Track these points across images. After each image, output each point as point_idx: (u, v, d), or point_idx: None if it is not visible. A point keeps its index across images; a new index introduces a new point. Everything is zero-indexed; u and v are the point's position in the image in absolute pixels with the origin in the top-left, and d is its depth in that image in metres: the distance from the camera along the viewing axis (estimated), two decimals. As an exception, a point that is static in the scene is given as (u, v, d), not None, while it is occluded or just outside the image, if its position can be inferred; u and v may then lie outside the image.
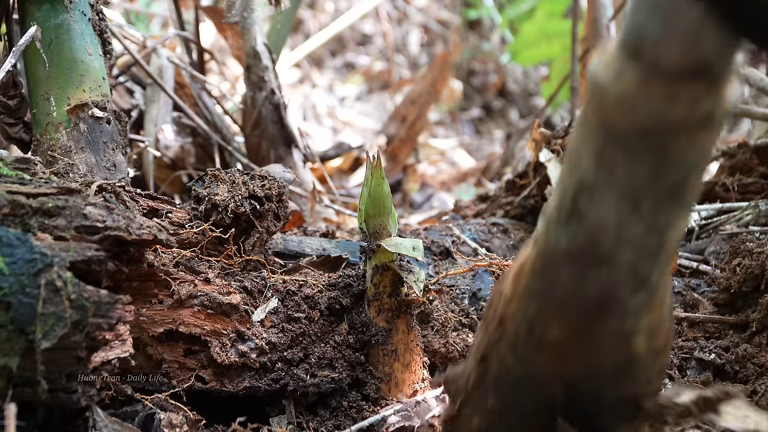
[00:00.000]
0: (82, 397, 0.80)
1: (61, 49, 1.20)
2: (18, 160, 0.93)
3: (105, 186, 1.03)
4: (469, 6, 4.96)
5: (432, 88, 3.10)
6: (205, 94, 2.04)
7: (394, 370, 1.06)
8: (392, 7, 4.89)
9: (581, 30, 2.46)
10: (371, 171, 1.01)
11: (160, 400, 0.99)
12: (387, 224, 1.03)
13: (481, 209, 1.74)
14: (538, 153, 1.59)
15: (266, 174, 1.17)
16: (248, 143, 1.95)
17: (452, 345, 1.23)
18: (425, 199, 2.93)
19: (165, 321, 1.01)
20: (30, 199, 0.81)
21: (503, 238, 1.54)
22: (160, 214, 1.10)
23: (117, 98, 1.96)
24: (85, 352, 0.77)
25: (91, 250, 0.79)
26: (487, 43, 4.86)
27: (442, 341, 1.22)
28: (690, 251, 1.43)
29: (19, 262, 0.74)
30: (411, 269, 1.02)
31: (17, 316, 0.73)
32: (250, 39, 1.85)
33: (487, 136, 4.48)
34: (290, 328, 1.07)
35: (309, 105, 4.20)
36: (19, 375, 0.74)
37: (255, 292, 1.09)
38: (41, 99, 1.19)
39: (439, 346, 1.22)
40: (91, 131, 1.21)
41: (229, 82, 3.09)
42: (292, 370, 1.05)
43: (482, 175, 3.11)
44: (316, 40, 3.54)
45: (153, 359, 1.02)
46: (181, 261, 1.05)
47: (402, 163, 3.13)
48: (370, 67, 5.03)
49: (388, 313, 1.05)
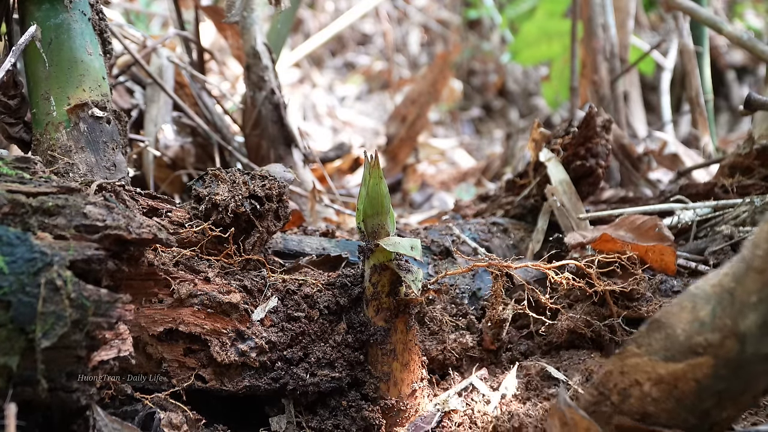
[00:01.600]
0: (82, 396, 0.80)
1: (61, 49, 1.20)
2: (18, 160, 0.93)
3: (105, 185, 1.03)
4: (469, 6, 4.96)
5: (432, 88, 3.11)
6: (205, 94, 2.04)
7: (393, 370, 1.07)
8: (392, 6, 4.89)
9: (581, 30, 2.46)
10: (369, 171, 1.01)
11: (160, 399, 0.99)
12: (385, 224, 1.03)
13: (481, 209, 1.74)
14: (538, 153, 1.59)
15: (267, 174, 1.17)
16: (248, 143, 1.95)
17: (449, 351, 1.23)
18: (425, 199, 2.93)
19: (165, 320, 1.01)
20: (30, 198, 0.81)
21: (503, 237, 1.54)
22: (159, 214, 1.11)
23: (117, 98, 1.96)
24: (85, 351, 0.77)
25: (91, 249, 0.79)
26: (487, 42, 4.86)
27: (440, 347, 1.22)
28: (689, 251, 1.43)
29: (19, 261, 0.74)
30: (409, 268, 1.02)
31: (17, 315, 0.73)
32: (250, 39, 1.85)
33: (487, 135, 4.48)
34: (290, 327, 1.07)
35: (309, 105, 4.21)
36: (19, 374, 0.74)
37: (255, 291, 1.09)
38: (41, 98, 1.20)
39: (437, 353, 1.22)
40: (91, 131, 1.21)
41: (229, 81, 3.09)
42: (291, 370, 1.05)
43: (482, 174, 3.11)
44: (316, 39, 3.54)
45: (153, 358, 1.02)
46: (181, 260, 1.06)
47: (402, 162, 3.14)
48: (370, 66, 5.03)
49: (386, 312, 1.05)
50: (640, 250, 1.31)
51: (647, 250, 1.31)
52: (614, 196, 1.97)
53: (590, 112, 1.53)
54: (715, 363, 0.72)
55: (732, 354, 0.71)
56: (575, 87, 2.45)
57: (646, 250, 1.31)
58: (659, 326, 0.77)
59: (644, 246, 1.31)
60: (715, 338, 0.72)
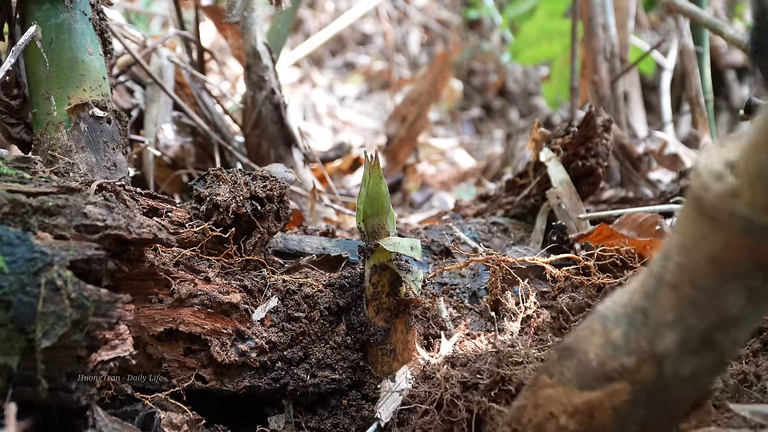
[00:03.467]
0: (82, 396, 0.80)
1: (62, 49, 1.20)
2: (18, 159, 0.93)
3: (105, 185, 1.03)
4: (469, 6, 4.96)
5: (432, 88, 3.10)
6: (205, 94, 2.04)
7: (393, 370, 1.07)
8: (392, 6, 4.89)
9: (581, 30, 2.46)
10: (369, 171, 1.01)
11: (160, 399, 0.99)
12: (385, 224, 1.03)
13: (481, 209, 1.74)
14: (538, 152, 1.59)
15: (268, 174, 1.17)
16: (248, 143, 1.95)
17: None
18: (425, 199, 2.93)
19: (165, 320, 1.01)
20: (30, 198, 0.81)
21: (503, 237, 1.54)
22: (160, 214, 1.11)
23: (117, 98, 1.96)
24: (85, 351, 0.77)
25: (91, 249, 0.79)
26: (487, 42, 4.86)
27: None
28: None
29: (19, 261, 0.74)
30: (409, 269, 1.02)
31: (17, 315, 0.73)
32: (250, 38, 1.85)
33: (487, 135, 4.48)
34: (290, 327, 1.07)
35: (309, 105, 4.20)
36: (19, 374, 0.74)
37: (255, 291, 1.09)
38: (42, 98, 1.20)
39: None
40: (91, 131, 1.21)
41: (229, 81, 3.09)
42: (292, 370, 1.05)
43: (482, 174, 3.11)
44: (316, 39, 3.54)
45: (153, 358, 1.02)
46: (181, 260, 1.06)
47: (402, 162, 3.13)
48: (370, 66, 5.03)
49: (386, 312, 1.05)
50: (639, 244, 1.31)
51: (645, 245, 1.31)
52: (614, 196, 1.97)
53: (590, 111, 1.53)
54: (632, 389, 0.66)
55: (650, 378, 0.65)
56: (575, 87, 2.45)
57: (645, 245, 1.31)
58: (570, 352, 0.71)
59: (643, 241, 1.31)
60: (630, 362, 0.66)
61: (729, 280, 0.59)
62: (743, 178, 0.55)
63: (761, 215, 0.54)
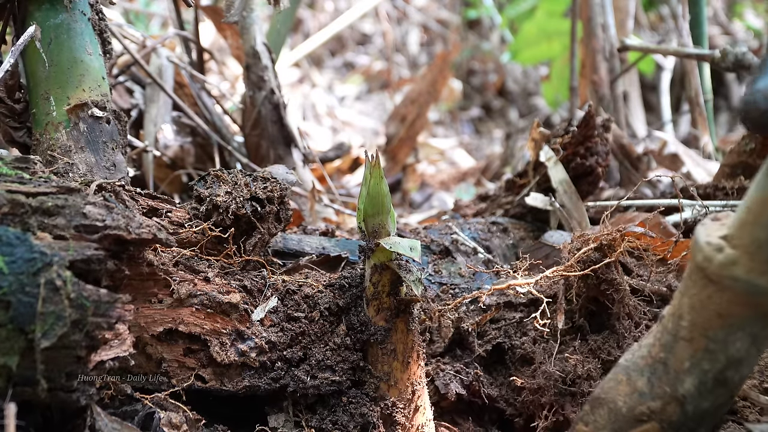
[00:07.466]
0: (82, 396, 0.80)
1: (61, 49, 1.20)
2: (18, 160, 0.93)
3: (104, 185, 1.03)
4: (469, 6, 4.96)
5: (432, 88, 3.10)
6: (205, 94, 2.04)
7: (393, 369, 1.06)
8: (392, 6, 4.89)
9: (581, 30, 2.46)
10: (370, 170, 1.01)
11: (159, 399, 0.99)
12: (386, 223, 1.03)
13: (481, 209, 1.74)
14: (537, 152, 1.59)
15: (269, 176, 1.16)
16: (248, 143, 1.95)
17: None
18: (425, 199, 2.93)
19: (165, 320, 1.01)
20: (29, 198, 0.81)
21: (503, 237, 1.54)
22: (159, 214, 1.11)
23: (117, 98, 1.96)
24: (85, 351, 0.77)
25: (90, 249, 0.79)
26: (486, 42, 4.86)
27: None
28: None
29: (18, 261, 0.74)
30: (410, 268, 1.02)
31: (17, 315, 0.73)
32: (249, 38, 1.85)
33: (487, 135, 4.48)
34: (290, 327, 1.07)
35: (309, 105, 4.20)
36: (18, 374, 0.74)
37: (255, 291, 1.09)
38: (41, 98, 1.19)
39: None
40: (90, 131, 1.21)
41: (229, 81, 3.09)
42: (292, 371, 1.05)
43: (482, 174, 3.11)
44: (315, 39, 3.54)
45: (153, 358, 1.02)
46: (181, 260, 1.06)
47: (402, 162, 3.13)
48: (370, 66, 5.03)
49: (387, 312, 1.05)
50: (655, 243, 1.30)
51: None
52: (614, 196, 1.97)
53: (590, 111, 1.53)
54: (660, 427, 0.79)
55: (675, 416, 0.79)
56: (575, 87, 2.45)
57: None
58: (600, 402, 0.83)
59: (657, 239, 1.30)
60: (656, 405, 0.79)
61: (735, 330, 0.74)
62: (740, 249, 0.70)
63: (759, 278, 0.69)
